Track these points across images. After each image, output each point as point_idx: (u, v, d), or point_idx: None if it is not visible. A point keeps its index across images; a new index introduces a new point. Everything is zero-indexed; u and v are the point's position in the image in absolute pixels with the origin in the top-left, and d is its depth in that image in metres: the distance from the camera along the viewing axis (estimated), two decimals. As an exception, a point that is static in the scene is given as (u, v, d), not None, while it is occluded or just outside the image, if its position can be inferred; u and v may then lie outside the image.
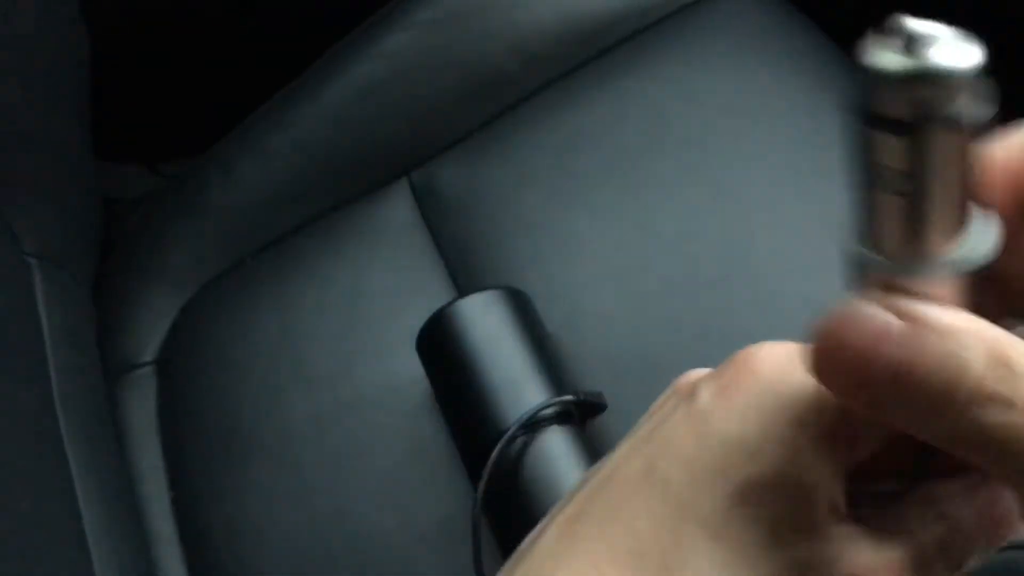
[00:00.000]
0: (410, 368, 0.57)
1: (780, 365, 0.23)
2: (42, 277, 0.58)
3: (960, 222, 0.19)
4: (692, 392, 0.24)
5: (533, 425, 0.47)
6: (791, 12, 0.63)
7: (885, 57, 0.18)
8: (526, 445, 0.46)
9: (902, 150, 0.18)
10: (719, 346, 0.54)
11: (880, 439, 0.21)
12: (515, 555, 0.23)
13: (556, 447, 0.47)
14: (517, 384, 0.48)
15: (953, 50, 0.18)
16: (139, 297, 0.66)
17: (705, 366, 0.53)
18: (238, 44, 0.81)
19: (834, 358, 0.19)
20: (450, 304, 0.49)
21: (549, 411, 0.47)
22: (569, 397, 0.48)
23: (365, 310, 0.60)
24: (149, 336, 0.65)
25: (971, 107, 0.18)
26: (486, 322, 0.49)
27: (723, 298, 0.53)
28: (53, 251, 0.60)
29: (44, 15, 0.58)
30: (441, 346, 0.49)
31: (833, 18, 0.63)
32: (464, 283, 0.59)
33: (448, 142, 0.65)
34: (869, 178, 0.19)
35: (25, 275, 0.57)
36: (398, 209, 0.63)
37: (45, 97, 0.59)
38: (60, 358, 0.56)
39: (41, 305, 0.57)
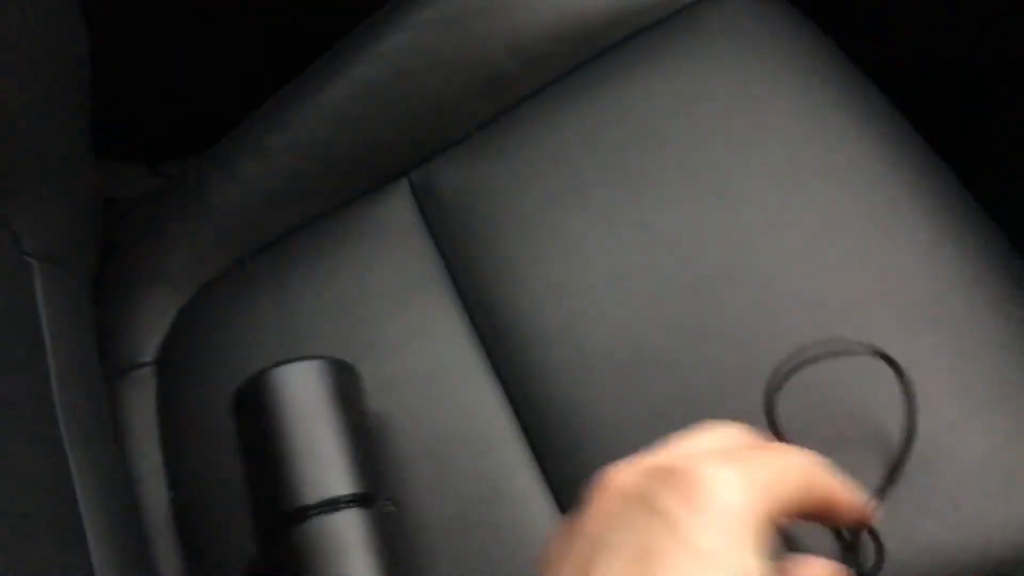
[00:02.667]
0: (409, 368, 0.57)
1: (732, 491, 0.29)
2: (42, 277, 0.58)
3: None
4: (664, 509, 0.29)
5: (329, 504, 0.47)
6: (792, 12, 0.63)
7: None
8: (318, 526, 0.47)
9: None
10: (719, 346, 0.54)
11: None
12: None
13: (349, 531, 0.47)
14: (318, 466, 0.48)
15: None
16: (139, 297, 0.66)
17: (704, 364, 0.53)
18: (238, 44, 0.81)
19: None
20: (268, 370, 0.49)
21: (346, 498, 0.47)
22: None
23: (365, 310, 0.60)
24: (149, 336, 0.65)
25: None
26: (301, 395, 0.49)
27: (723, 298, 0.53)
28: (53, 251, 0.60)
29: (44, 14, 0.58)
30: (251, 413, 0.49)
31: (834, 18, 0.63)
32: (464, 283, 0.59)
33: (448, 142, 0.65)
34: None
35: (25, 275, 0.57)
36: (398, 209, 0.63)
37: (45, 96, 0.59)
38: (60, 358, 0.56)
39: (41, 305, 0.57)
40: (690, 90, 0.60)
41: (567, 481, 0.53)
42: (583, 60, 0.64)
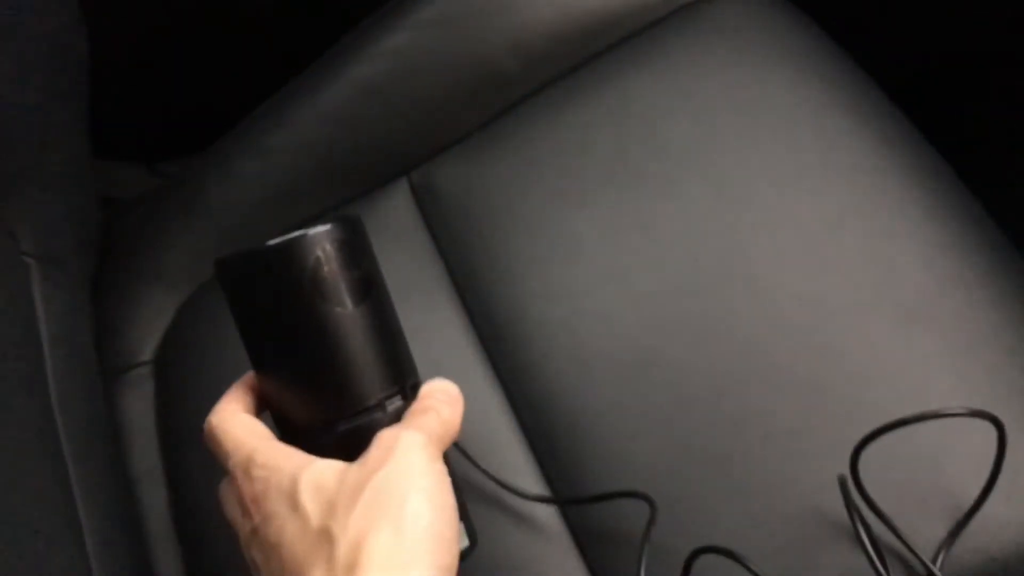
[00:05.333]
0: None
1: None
2: (40, 277, 0.58)
3: None
4: None
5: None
6: (791, 11, 0.63)
7: None
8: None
9: None
10: (719, 345, 0.54)
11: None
12: None
13: None
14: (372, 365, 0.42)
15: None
16: (137, 296, 0.66)
17: (704, 365, 0.53)
18: (237, 43, 0.81)
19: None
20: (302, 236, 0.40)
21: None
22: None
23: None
24: (147, 336, 0.65)
25: None
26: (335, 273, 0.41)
27: (723, 298, 0.53)
28: (51, 251, 0.60)
29: (43, 14, 0.58)
30: (281, 286, 0.41)
31: (833, 17, 0.63)
32: (464, 283, 0.59)
33: (448, 142, 0.65)
34: None
35: (23, 275, 0.57)
36: (397, 209, 0.63)
37: (44, 96, 0.59)
38: (58, 358, 0.56)
39: (39, 305, 0.57)
40: (690, 89, 0.60)
41: (566, 478, 0.53)
42: (583, 60, 0.64)
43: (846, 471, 0.46)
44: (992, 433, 0.45)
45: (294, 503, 0.38)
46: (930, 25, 0.76)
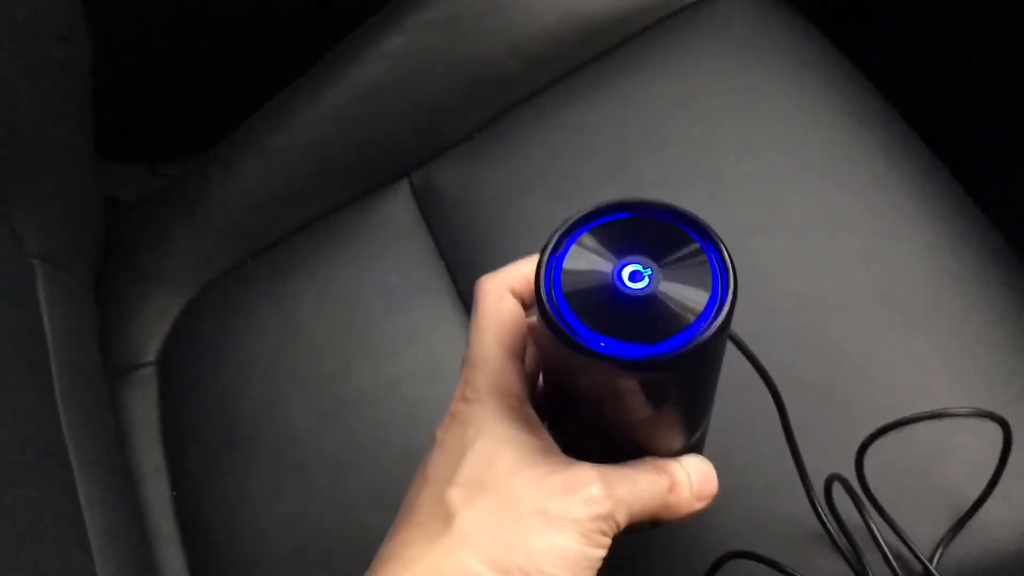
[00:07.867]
0: (409, 368, 0.57)
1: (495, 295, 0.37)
2: (44, 278, 0.58)
3: None
4: None
5: None
6: (790, 13, 0.63)
7: None
8: None
9: None
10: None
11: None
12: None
13: None
14: None
15: None
16: (140, 297, 0.66)
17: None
18: (239, 44, 0.81)
19: None
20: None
21: None
22: None
23: (365, 310, 0.60)
24: (150, 336, 0.65)
25: None
26: None
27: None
28: (55, 252, 0.60)
29: (45, 14, 0.58)
30: None
31: (831, 19, 0.63)
32: (464, 283, 0.59)
33: (448, 142, 0.65)
34: None
35: (27, 276, 0.57)
36: (398, 209, 0.63)
37: (46, 97, 0.60)
38: (62, 358, 0.56)
39: (43, 306, 0.57)
40: (689, 90, 0.60)
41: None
42: (583, 61, 0.64)
43: (844, 470, 0.46)
44: (991, 433, 0.45)
45: (439, 440, 0.36)
46: (927, 26, 0.76)
